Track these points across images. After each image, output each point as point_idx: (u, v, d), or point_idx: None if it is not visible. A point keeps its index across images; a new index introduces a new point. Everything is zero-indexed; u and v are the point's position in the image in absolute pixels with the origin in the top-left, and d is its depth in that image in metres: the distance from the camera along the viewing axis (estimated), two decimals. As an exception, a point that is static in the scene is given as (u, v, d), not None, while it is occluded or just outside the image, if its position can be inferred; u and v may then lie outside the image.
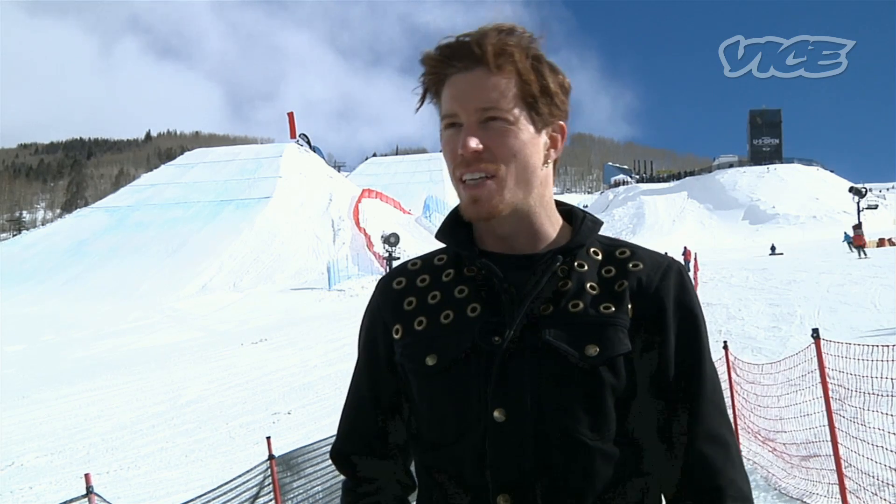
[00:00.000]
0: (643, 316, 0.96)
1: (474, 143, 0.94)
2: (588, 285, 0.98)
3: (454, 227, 1.05)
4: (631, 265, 0.99)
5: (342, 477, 1.08)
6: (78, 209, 78.92)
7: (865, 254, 27.10)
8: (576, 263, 0.99)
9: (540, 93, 0.96)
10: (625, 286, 0.97)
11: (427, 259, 1.08)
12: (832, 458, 4.79)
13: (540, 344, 0.94)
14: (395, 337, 1.02)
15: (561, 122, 1.01)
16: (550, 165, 1.02)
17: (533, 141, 0.97)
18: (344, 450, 1.07)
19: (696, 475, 0.94)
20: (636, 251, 1.02)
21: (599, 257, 1.01)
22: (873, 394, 4.68)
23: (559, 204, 1.07)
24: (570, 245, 1.00)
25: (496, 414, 0.92)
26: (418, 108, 1.02)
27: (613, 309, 0.96)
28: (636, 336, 0.96)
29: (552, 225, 1.03)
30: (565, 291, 0.97)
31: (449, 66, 0.96)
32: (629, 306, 0.96)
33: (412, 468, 1.07)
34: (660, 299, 0.97)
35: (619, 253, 1.01)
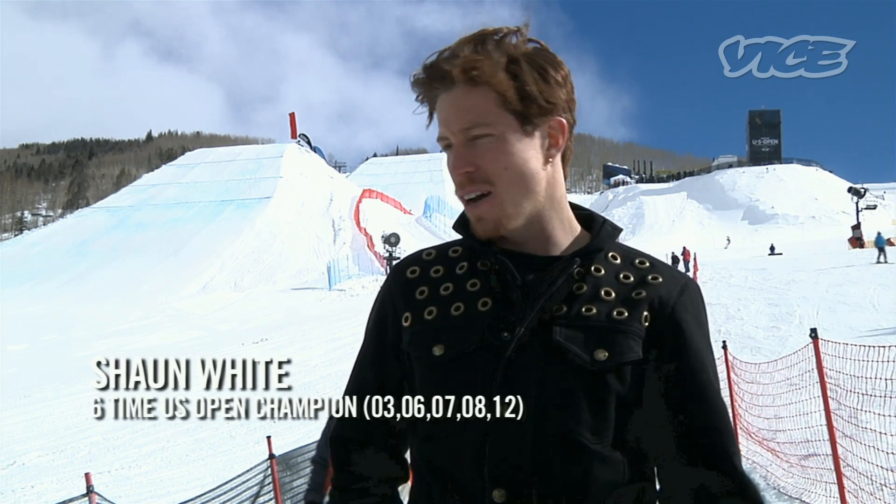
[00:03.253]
0: (659, 331, 0.96)
1: (462, 165, 0.96)
2: (603, 290, 0.98)
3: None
4: (650, 277, 1.00)
5: None
6: (79, 209, 78.95)
7: None
8: (593, 268, 0.99)
9: (519, 99, 0.95)
10: (643, 296, 0.98)
11: (442, 250, 1.07)
12: (830, 457, 4.80)
13: (550, 344, 0.94)
14: (405, 324, 1.02)
15: (559, 118, 0.98)
16: (557, 163, 1.01)
17: (525, 147, 0.96)
18: (343, 434, 1.07)
19: (745, 493, 0.93)
20: (655, 264, 1.02)
21: (618, 261, 1.01)
22: (871, 395, 4.69)
23: (578, 208, 1.06)
24: (589, 248, 1.00)
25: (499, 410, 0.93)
26: (429, 125, 1.02)
27: (627, 315, 0.96)
28: (650, 348, 0.96)
29: (564, 228, 1.02)
30: (580, 294, 0.97)
31: (432, 88, 0.97)
32: (645, 314, 0.97)
33: (407, 455, 1.07)
34: (678, 317, 0.97)
35: (639, 262, 1.01)
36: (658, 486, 1.00)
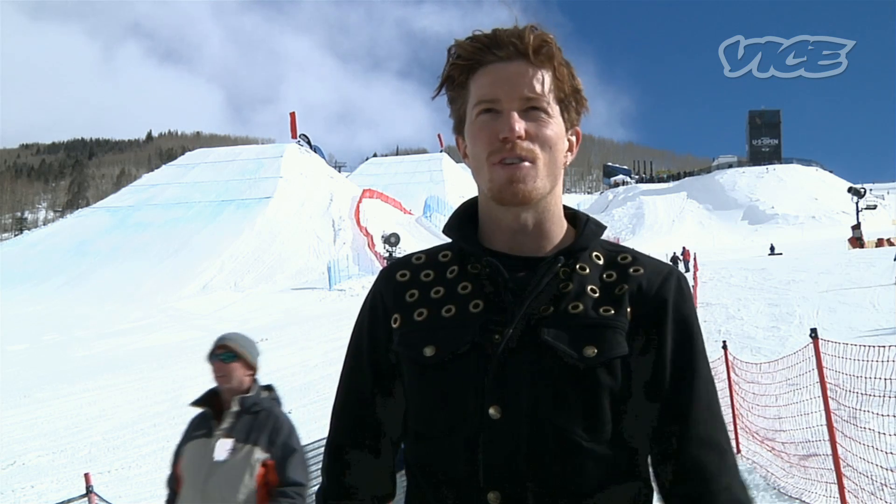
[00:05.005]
0: (642, 320, 0.97)
1: (521, 126, 0.95)
2: (589, 288, 0.98)
3: (461, 224, 1.05)
4: (632, 270, 1.00)
5: None
6: (79, 209, 78.94)
7: None
8: (578, 266, 0.99)
9: (571, 92, 0.99)
10: (625, 290, 0.98)
11: (431, 254, 1.08)
12: (830, 457, 4.81)
13: (539, 343, 0.94)
14: (394, 326, 1.02)
15: (578, 128, 1.03)
16: (564, 168, 1.04)
17: (563, 137, 1.00)
18: (339, 442, 1.07)
19: (689, 480, 0.94)
20: (638, 257, 1.03)
21: (601, 261, 1.02)
22: (871, 394, 4.69)
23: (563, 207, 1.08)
24: (573, 247, 1.00)
25: (492, 411, 0.93)
26: (435, 95, 1.02)
27: (613, 312, 0.96)
28: (634, 339, 0.96)
29: (559, 226, 1.03)
30: (566, 293, 0.97)
31: (488, 53, 0.97)
32: (628, 309, 0.97)
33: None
34: (659, 304, 0.97)
35: (621, 258, 1.02)
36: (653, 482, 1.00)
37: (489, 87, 0.96)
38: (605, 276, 1.00)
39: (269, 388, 2.64)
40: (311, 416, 11.15)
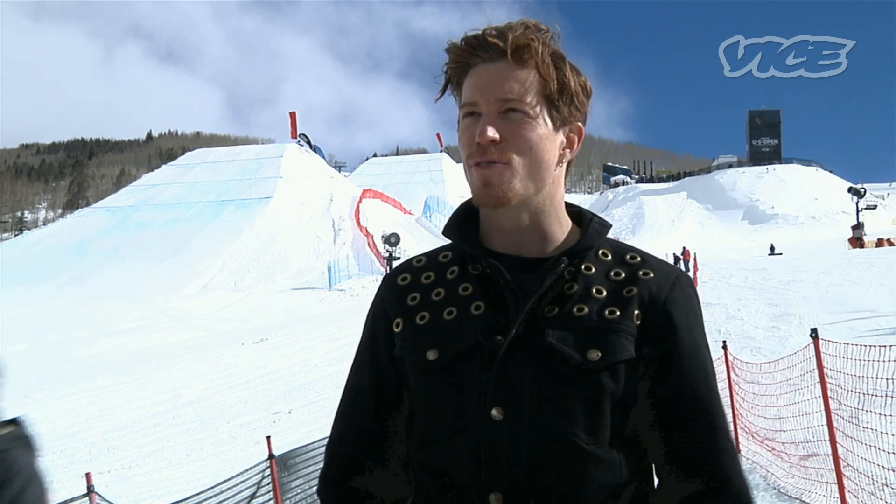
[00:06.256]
0: (651, 327, 0.96)
1: (492, 132, 0.94)
2: (594, 289, 0.97)
3: (461, 225, 1.04)
4: (641, 273, 0.99)
5: None
6: (79, 209, 78.95)
7: None
8: (583, 266, 0.98)
9: (558, 90, 0.96)
10: (633, 293, 0.97)
11: (432, 256, 1.07)
12: (831, 457, 4.81)
13: (542, 345, 0.93)
14: (396, 330, 1.02)
15: (579, 124, 1.01)
16: (564, 166, 1.02)
17: (550, 137, 0.97)
18: (346, 451, 1.05)
19: (724, 490, 0.94)
20: (646, 258, 1.01)
21: (608, 258, 1.01)
22: (871, 394, 4.69)
23: (568, 205, 1.06)
24: (577, 248, 0.99)
25: (494, 412, 0.92)
26: (438, 98, 1.02)
27: (619, 314, 0.95)
28: (642, 346, 0.95)
29: (561, 226, 1.02)
30: (571, 294, 0.96)
31: (474, 55, 0.96)
32: (636, 312, 0.96)
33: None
34: (668, 312, 0.96)
35: (630, 258, 1.01)
36: (655, 485, 1.00)
37: (470, 89, 0.96)
38: (612, 274, 0.99)
39: (13, 422, 1.81)
40: (311, 416, 11.17)
